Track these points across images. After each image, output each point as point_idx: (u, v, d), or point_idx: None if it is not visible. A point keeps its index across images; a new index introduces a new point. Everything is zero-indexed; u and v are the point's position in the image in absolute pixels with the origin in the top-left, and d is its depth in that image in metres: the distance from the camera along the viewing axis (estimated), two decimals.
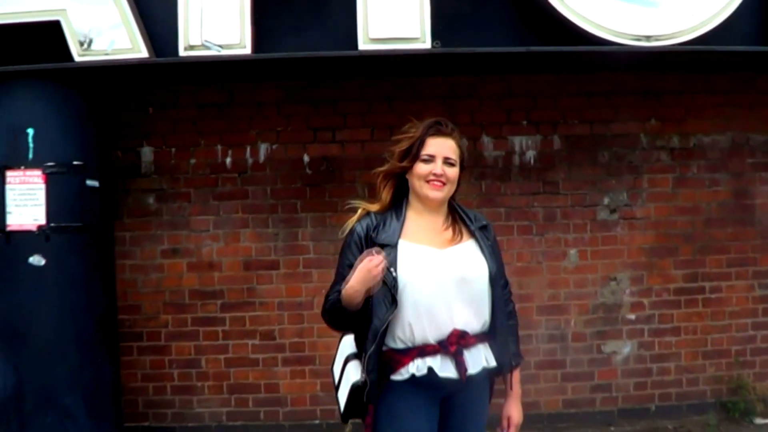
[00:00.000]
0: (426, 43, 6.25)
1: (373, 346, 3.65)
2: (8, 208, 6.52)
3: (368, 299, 3.67)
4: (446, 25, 6.48)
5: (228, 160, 8.04)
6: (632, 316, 8.25)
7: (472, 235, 3.94)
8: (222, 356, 8.08)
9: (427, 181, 3.85)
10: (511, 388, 4.06)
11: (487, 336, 3.82)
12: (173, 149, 8.03)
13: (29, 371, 6.53)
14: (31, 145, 6.49)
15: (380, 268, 3.57)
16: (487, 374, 3.91)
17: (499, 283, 3.91)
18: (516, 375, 4.05)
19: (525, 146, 8.15)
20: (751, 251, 8.35)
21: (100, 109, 7.09)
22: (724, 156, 8.33)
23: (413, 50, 6.31)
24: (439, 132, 3.93)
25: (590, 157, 8.20)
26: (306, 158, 8.06)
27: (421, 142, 3.86)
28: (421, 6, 6.19)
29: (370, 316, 3.69)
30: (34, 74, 6.46)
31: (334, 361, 4.07)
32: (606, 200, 8.20)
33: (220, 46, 6.17)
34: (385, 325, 3.65)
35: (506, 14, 6.75)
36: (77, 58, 6.27)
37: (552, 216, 8.19)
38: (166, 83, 7.80)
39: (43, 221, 6.52)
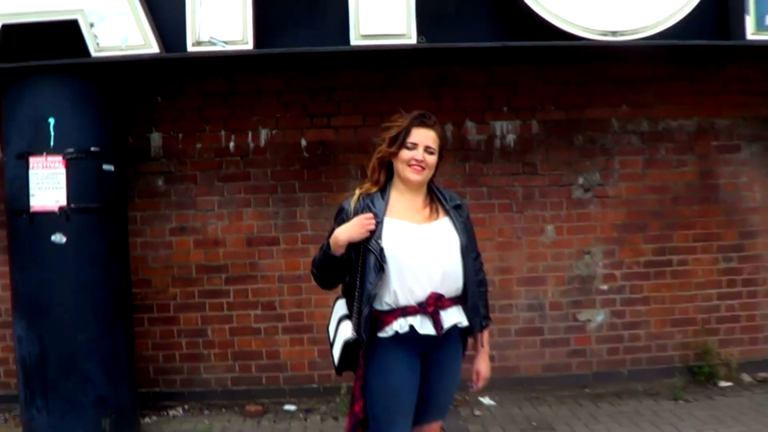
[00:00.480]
0: (412, 39, 6.56)
1: (367, 308, 4.12)
2: (32, 191, 6.72)
3: (358, 263, 4.17)
4: (432, 21, 6.76)
5: (231, 144, 8.34)
6: (605, 287, 8.60)
7: (447, 213, 4.37)
8: (227, 326, 8.41)
9: (410, 165, 4.28)
10: (481, 346, 4.53)
11: (460, 300, 4.30)
12: (180, 135, 8.32)
13: (52, 340, 6.77)
14: (52, 133, 6.70)
15: (370, 223, 4.11)
16: (460, 336, 4.40)
17: (470, 255, 4.35)
18: (485, 334, 4.53)
19: (506, 130, 8.46)
20: (716, 227, 8.69)
21: (114, 100, 7.26)
22: (690, 139, 8.64)
23: (400, 45, 6.63)
24: (423, 123, 4.34)
25: (566, 140, 8.50)
26: (303, 143, 8.36)
27: (406, 132, 4.29)
28: (407, 4, 6.51)
29: (360, 282, 4.16)
30: (55, 69, 6.70)
31: (329, 323, 4.47)
32: (581, 180, 8.53)
33: (225, 42, 6.48)
34: (375, 289, 4.12)
35: (487, 11, 7.03)
36: (94, 54, 6.51)
37: (530, 195, 8.51)
38: (174, 75, 8.08)
39: (63, 203, 6.72)
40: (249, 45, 6.57)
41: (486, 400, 8.09)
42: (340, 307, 4.42)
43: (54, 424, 6.81)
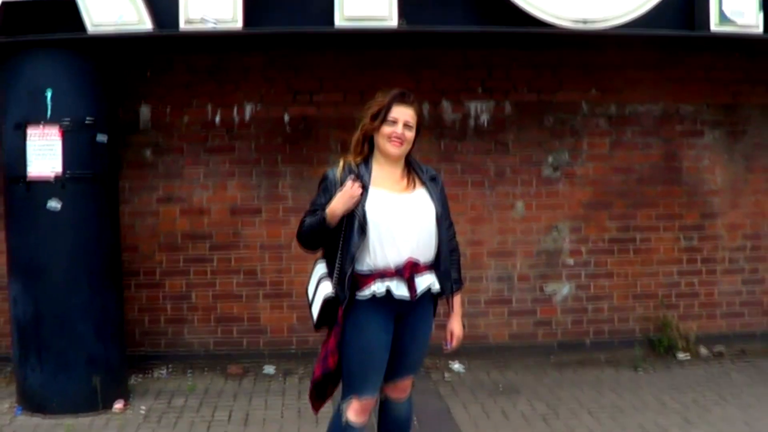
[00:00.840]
0: (393, 22, 6.74)
1: (350, 268, 4.43)
2: (29, 160, 6.92)
3: (342, 227, 4.45)
4: (414, 5, 6.92)
5: (217, 118, 8.61)
6: (571, 261, 8.98)
7: (424, 184, 4.68)
8: (210, 291, 8.71)
9: (390, 140, 4.57)
10: (452, 309, 4.86)
11: (433, 266, 4.61)
12: (168, 108, 8.58)
13: (46, 302, 7.03)
14: (49, 104, 6.89)
15: (358, 191, 4.40)
16: (432, 299, 4.70)
17: (444, 224, 4.65)
18: (457, 298, 4.85)
19: (480, 111, 8.77)
20: (678, 207, 9.06)
21: (107, 74, 7.40)
22: (656, 123, 9.00)
23: (382, 28, 6.86)
24: (403, 101, 4.61)
25: (537, 121, 8.84)
26: (286, 117, 8.65)
27: (387, 108, 4.57)
28: None
29: (343, 244, 4.46)
30: (52, 43, 6.85)
31: (309, 283, 4.65)
32: (550, 159, 8.88)
33: (216, 20, 6.65)
34: (357, 251, 4.44)
35: None
36: (90, 30, 6.64)
37: (502, 172, 8.83)
38: (163, 51, 8.32)
39: (59, 171, 6.94)
40: (239, 24, 6.73)
41: (456, 366, 8.43)
42: (320, 269, 4.63)
43: (47, 382, 7.07)
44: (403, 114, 4.59)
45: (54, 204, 6.99)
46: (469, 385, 7.89)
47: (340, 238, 4.48)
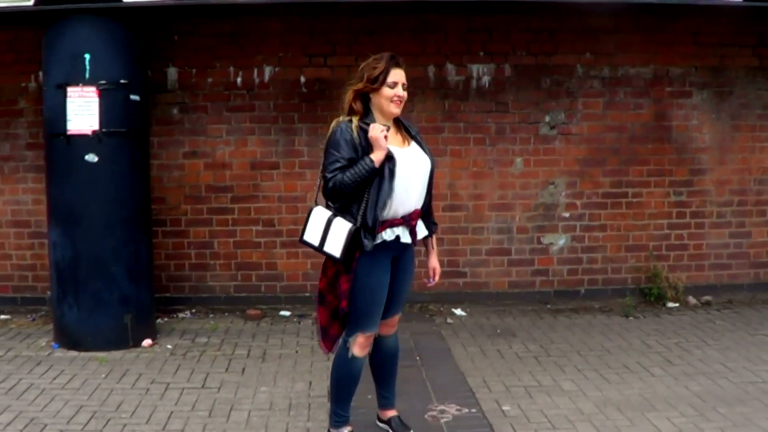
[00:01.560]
0: None
1: (383, 214, 4.82)
2: (68, 117, 7.42)
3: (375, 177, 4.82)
4: None
5: (239, 79, 9.08)
6: (567, 214, 9.42)
7: (413, 138, 5.14)
8: (231, 239, 9.24)
9: (392, 101, 4.96)
10: (432, 248, 5.36)
11: (422, 212, 5.11)
12: (194, 70, 9.05)
13: (83, 245, 7.59)
14: (87, 67, 7.39)
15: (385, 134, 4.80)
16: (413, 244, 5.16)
17: (432, 174, 5.15)
18: (434, 238, 5.35)
19: (481, 73, 9.19)
20: (668, 164, 9.47)
21: (139, 38, 7.92)
22: (646, 85, 9.38)
23: None
24: (397, 64, 5.00)
25: (535, 82, 9.25)
26: (302, 79, 9.11)
27: (386, 72, 4.94)
28: None
29: (377, 191, 4.76)
30: (91, 11, 7.40)
31: (305, 230, 4.95)
32: (547, 118, 9.30)
33: None
34: (387, 198, 4.82)
35: None
36: None
37: (502, 130, 9.25)
38: (189, 17, 8.79)
39: (96, 127, 7.45)
40: None
41: (458, 311, 8.97)
42: (321, 212, 4.91)
43: (82, 319, 7.67)
44: (400, 76, 4.95)
45: (91, 157, 7.52)
46: (470, 329, 8.38)
47: (369, 187, 4.83)
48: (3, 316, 9.00)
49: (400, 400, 5.71)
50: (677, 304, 9.37)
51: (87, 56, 7.47)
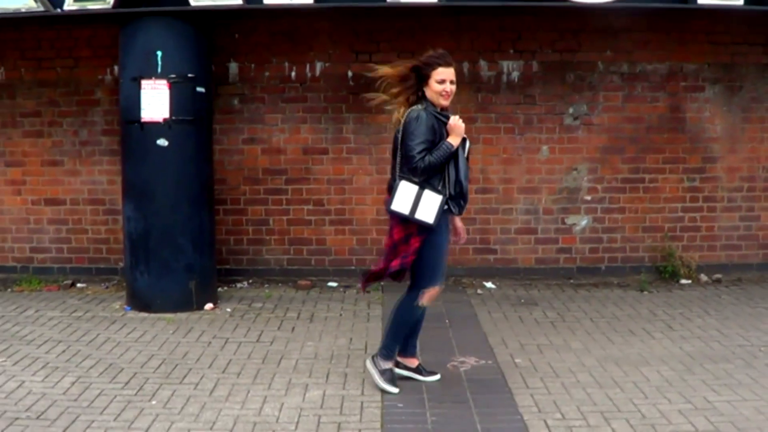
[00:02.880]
0: None
1: (466, 183, 5.77)
2: (142, 106, 8.24)
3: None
4: None
5: (293, 74, 9.85)
6: (589, 197, 10.08)
7: None
8: (285, 217, 10.02)
9: (441, 95, 5.79)
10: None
11: None
12: (252, 65, 9.82)
13: (154, 219, 8.46)
14: (159, 62, 8.23)
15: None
16: None
17: None
18: None
19: (511, 68, 9.87)
20: (682, 152, 10.09)
21: (205, 36, 8.69)
22: (662, 80, 9.98)
23: (426, 3, 8.32)
24: (447, 63, 5.86)
25: (560, 77, 9.89)
26: (350, 74, 9.85)
27: (432, 70, 5.81)
28: None
29: (455, 168, 5.71)
30: (162, 13, 8.21)
31: (393, 201, 5.73)
32: (571, 110, 9.95)
33: None
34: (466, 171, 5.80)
35: None
36: (193, 3, 7.94)
37: (530, 121, 9.92)
38: (249, 17, 9.46)
39: (167, 115, 8.26)
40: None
41: (488, 284, 9.76)
42: (408, 186, 5.70)
43: (152, 284, 8.59)
44: (449, 74, 5.82)
45: (162, 141, 8.37)
46: (497, 299, 9.16)
47: (450, 164, 5.75)
48: (80, 284, 9.95)
49: (426, 353, 6.63)
50: (690, 281, 10.00)
51: (159, 53, 8.31)
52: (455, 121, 5.76)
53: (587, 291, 9.68)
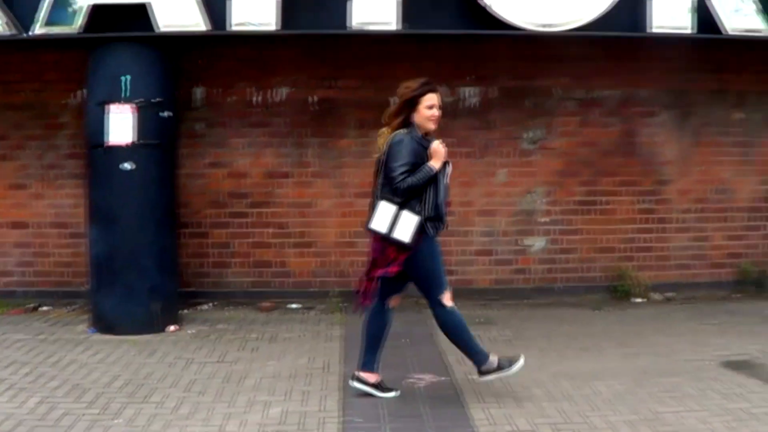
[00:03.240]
0: (395, 26, 8.19)
1: (443, 207, 6.07)
2: (108, 130, 8.30)
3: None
4: (412, 11, 8.22)
5: (257, 99, 9.99)
6: (545, 219, 10.29)
7: None
8: (247, 240, 10.12)
9: (429, 120, 6.10)
10: None
11: None
12: (217, 90, 9.94)
13: (119, 242, 8.48)
14: (126, 87, 8.30)
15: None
16: None
17: None
18: None
19: (470, 94, 10.11)
20: (635, 175, 10.33)
21: (170, 62, 8.82)
22: (616, 105, 10.25)
23: (386, 31, 8.37)
24: (432, 90, 6.17)
25: (517, 103, 10.09)
26: (313, 99, 10.02)
27: (421, 96, 6.08)
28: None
29: (434, 191, 5.99)
30: (129, 39, 8.32)
31: (372, 220, 6.03)
32: (528, 135, 10.19)
33: (258, 23, 8.12)
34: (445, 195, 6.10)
35: (453, 5, 8.54)
36: (160, 29, 8.06)
37: (488, 145, 10.11)
38: (215, 44, 9.61)
39: (132, 139, 8.33)
40: (275, 26, 8.19)
41: None
42: (387, 207, 5.99)
43: (117, 306, 8.59)
44: (435, 99, 6.18)
45: (127, 165, 8.43)
46: None
47: (430, 187, 6.02)
48: (44, 307, 9.99)
49: (384, 370, 6.71)
50: (643, 300, 10.25)
51: (125, 78, 8.41)
52: (437, 146, 6.05)
53: (543, 310, 9.85)
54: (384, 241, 6.07)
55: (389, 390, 6.55)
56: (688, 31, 8.59)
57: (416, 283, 6.32)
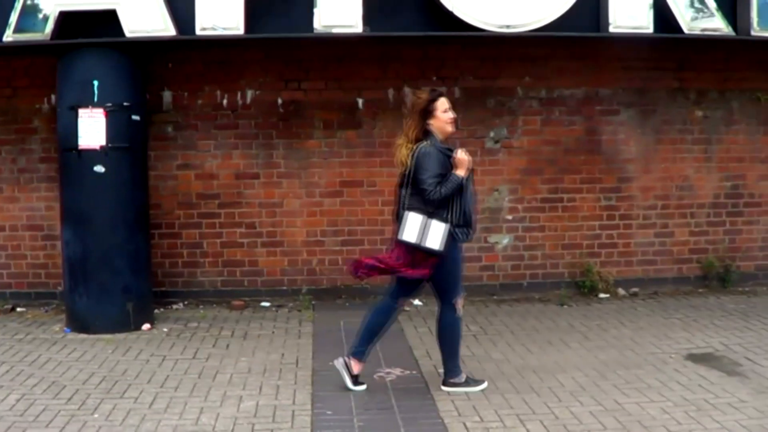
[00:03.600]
0: (359, 28, 8.37)
1: (470, 215, 6.37)
2: (80, 134, 8.44)
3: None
4: (376, 14, 8.41)
5: (224, 101, 10.06)
6: (510, 217, 10.43)
7: None
8: (218, 240, 10.22)
9: (448, 123, 6.48)
10: None
11: None
12: (186, 93, 10.02)
13: (92, 243, 8.63)
14: (96, 91, 8.43)
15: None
16: None
17: None
18: None
19: None
20: (598, 173, 10.50)
21: (140, 66, 8.92)
22: (579, 104, 10.40)
23: (350, 33, 8.51)
24: (441, 95, 6.53)
25: (481, 103, 10.23)
26: (280, 101, 10.12)
27: (434, 102, 6.43)
28: (358, 2, 8.31)
29: (462, 200, 6.30)
30: (98, 44, 8.42)
31: (403, 232, 6.26)
32: (492, 134, 10.32)
33: (223, 28, 8.28)
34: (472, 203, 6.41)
35: (417, 6, 8.71)
36: (128, 35, 8.19)
37: (453, 144, 10.03)
38: (182, 48, 9.63)
39: (103, 143, 8.46)
40: (241, 30, 8.37)
41: (416, 302, 9.91)
42: (416, 217, 6.24)
43: (92, 306, 8.76)
44: (448, 103, 6.52)
45: (99, 168, 8.56)
46: (423, 315, 9.36)
47: (457, 196, 6.30)
48: (19, 309, 10.08)
49: None
50: (608, 295, 10.43)
51: (95, 82, 8.53)
52: (461, 155, 6.34)
53: (509, 306, 10.04)
54: (415, 250, 6.27)
55: (361, 384, 6.75)
56: (648, 30, 8.77)
57: (435, 283, 6.58)
